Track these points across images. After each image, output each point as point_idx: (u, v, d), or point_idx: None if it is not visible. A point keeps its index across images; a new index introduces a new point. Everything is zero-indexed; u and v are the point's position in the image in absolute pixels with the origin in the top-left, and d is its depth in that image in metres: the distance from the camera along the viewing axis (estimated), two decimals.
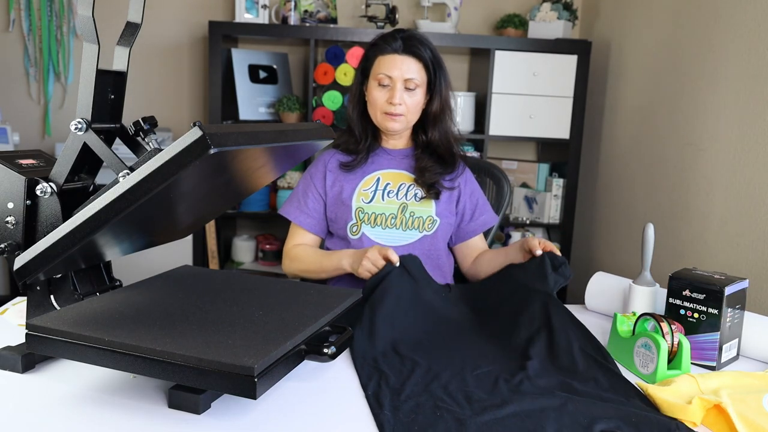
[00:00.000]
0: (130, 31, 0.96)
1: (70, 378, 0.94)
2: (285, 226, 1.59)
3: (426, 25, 2.87)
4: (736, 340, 1.15)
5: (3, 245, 0.95)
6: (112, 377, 0.94)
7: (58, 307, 1.00)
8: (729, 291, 1.09)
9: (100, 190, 0.93)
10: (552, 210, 2.96)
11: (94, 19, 0.89)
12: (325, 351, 0.90)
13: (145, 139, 0.99)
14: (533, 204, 3.01)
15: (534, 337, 1.12)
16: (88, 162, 0.98)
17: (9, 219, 0.95)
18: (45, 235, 0.90)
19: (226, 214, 2.92)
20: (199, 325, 0.91)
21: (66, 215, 0.93)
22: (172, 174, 0.79)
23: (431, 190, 1.51)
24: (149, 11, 2.91)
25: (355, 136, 1.55)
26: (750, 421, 0.86)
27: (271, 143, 0.92)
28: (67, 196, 0.96)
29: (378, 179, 1.53)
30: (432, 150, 1.55)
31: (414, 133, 1.58)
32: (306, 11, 2.81)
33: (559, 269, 1.29)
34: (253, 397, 0.78)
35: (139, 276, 1.18)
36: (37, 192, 0.94)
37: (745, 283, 1.14)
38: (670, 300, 1.16)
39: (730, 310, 1.11)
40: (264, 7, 2.77)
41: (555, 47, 2.79)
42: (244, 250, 3.04)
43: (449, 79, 1.53)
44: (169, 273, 1.17)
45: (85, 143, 0.92)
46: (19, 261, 0.91)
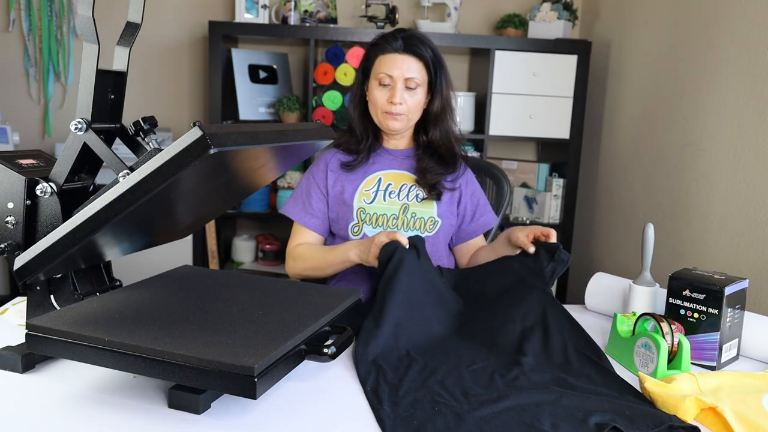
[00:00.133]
0: (130, 31, 0.96)
1: (70, 378, 0.94)
2: (285, 226, 1.59)
3: (426, 25, 2.87)
4: (736, 340, 1.15)
5: (3, 245, 0.95)
6: (112, 377, 0.94)
7: (58, 307, 1.00)
8: (729, 291, 1.09)
9: (100, 190, 0.93)
10: (552, 210, 2.96)
11: (94, 19, 0.89)
12: (325, 351, 0.90)
13: (145, 139, 0.99)
14: (533, 204, 3.01)
15: (528, 334, 1.12)
16: (88, 162, 0.98)
17: (9, 219, 0.95)
18: (45, 235, 0.90)
19: (226, 214, 2.92)
20: (199, 325, 0.91)
21: (66, 215, 0.93)
22: (172, 174, 0.79)
23: (433, 191, 1.51)
24: (149, 11, 2.91)
25: (356, 136, 1.55)
26: (750, 421, 0.86)
27: (271, 143, 0.92)
28: (67, 196, 0.96)
29: (379, 180, 1.53)
30: (433, 150, 1.54)
31: (415, 134, 1.58)
32: (306, 11, 2.81)
33: (555, 256, 1.28)
34: (253, 397, 0.78)
35: (139, 276, 1.18)
36: (37, 192, 0.94)
37: (745, 283, 1.14)
38: (670, 300, 1.16)
39: (730, 310, 1.11)
40: (264, 7, 2.77)
41: (555, 47, 2.79)
42: (244, 250, 3.04)
43: (450, 79, 1.53)
44: (169, 273, 1.17)
45: (85, 143, 0.92)
46: (19, 261, 0.91)
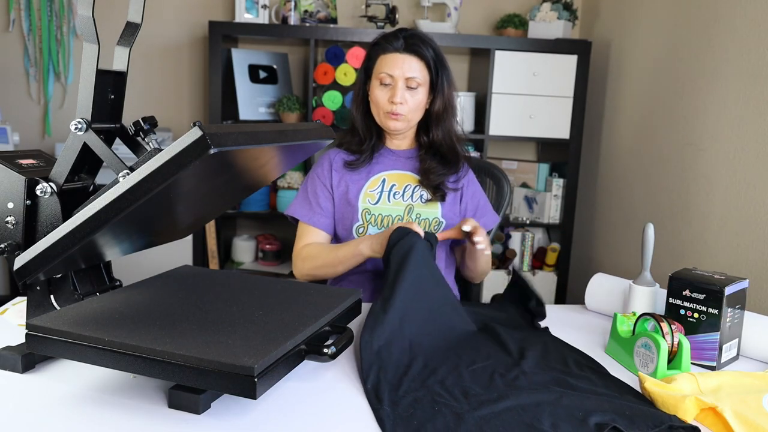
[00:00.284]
0: (130, 31, 0.96)
1: (70, 378, 0.94)
2: (285, 226, 1.59)
3: (426, 25, 2.87)
4: (736, 340, 1.15)
5: (3, 245, 0.95)
6: (112, 377, 0.94)
7: (58, 307, 1.00)
8: (729, 291, 1.09)
9: (100, 190, 0.93)
10: (552, 210, 2.96)
11: (94, 19, 0.89)
12: (325, 351, 0.90)
13: (145, 139, 0.99)
14: (533, 204, 3.01)
15: (526, 347, 1.12)
16: (88, 162, 0.98)
17: (9, 219, 0.95)
18: (45, 235, 0.90)
19: (226, 214, 2.92)
20: (199, 325, 0.91)
21: (66, 215, 0.93)
22: (172, 174, 0.79)
23: (437, 192, 1.50)
24: (149, 11, 2.91)
25: (359, 136, 1.54)
26: (749, 421, 0.86)
27: (271, 143, 0.92)
28: (67, 196, 0.96)
29: (383, 180, 1.52)
30: (435, 150, 1.54)
31: (418, 134, 1.57)
32: (306, 11, 2.81)
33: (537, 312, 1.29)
34: (253, 397, 0.78)
35: (139, 276, 1.18)
36: (37, 192, 0.94)
37: (745, 283, 1.14)
38: (670, 300, 1.16)
39: (730, 310, 1.11)
40: (264, 7, 2.77)
41: (555, 47, 2.79)
42: (244, 250, 3.04)
43: (453, 79, 1.52)
44: (169, 273, 1.17)
45: (85, 143, 0.92)
46: (19, 261, 0.91)
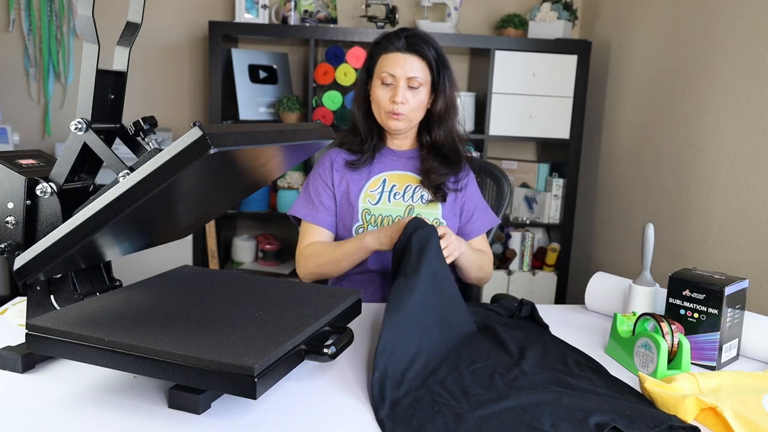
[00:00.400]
0: (130, 31, 0.96)
1: (70, 378, 0.94)
2: (285, 226, 1.59)
3: (426, 25, 2.87)
4: (736, 340, 1.15)
5: (3, 245, 0.95)
6: (112, 377, 0.94)
7: (58, 307, 1.00)
8: (729, 291, 1.09)
9: (100, 190, 0.93)
10: (552, 210, 2.96)
11: (94, 19, 0.89)
12: (325, 351, 0.90)
13: (145, 139, 0.99)
14: (533, 204, 3.01)
15: (526, 347, 1.12)
16: (88, 162, 0.98)
17: (9, 219, 0.95)
18: (45, 235, 0.90)
19: (226, 214, 2.92)
20: (199, 325, 0.91)
21: (66, 215, 0.93)
22: (172, 174, 0.79)
23: (438, 192, 1.50)
24: (149, 11, 2.91)
25: (360, 136, 1.54)
26: (750, 421, 0.86)
27: (271, 143, 0.92)
28: (67, 196, 0.96)
29: (384, 181, 1.52)
30: (437, 150, 1.53)
31: (419, 134, 1.57)
32: (306, 11, 2.81)
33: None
34: (253, 397, 0.78)
35: (139, 276, 1.18)
36: (37, 192, 0.94)
37: (745, 283, 1.14)
38: (670, 300, 1.16)
39: (730, 310, 1.11)
40: (264, 7, 2.77)
41: (555, 47, 2.79)
42: (244, 250, 3.04)
43: (455, 79, 1.51)
44: (169, 273, 1.17)
45: (85, 143, 0.92)
46: (19, 261, 0.91)
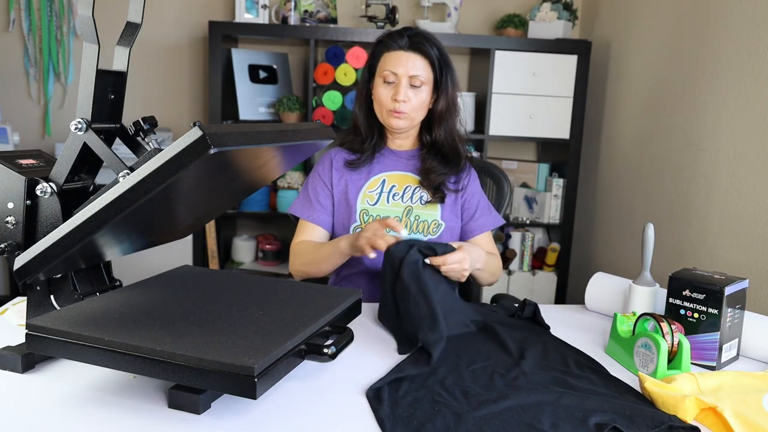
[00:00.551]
0: (130, 31, 0.96)
1: (70, 378, 0.94)
2: (285, 226, 1.59)
3: (426, 25, 2.87)
4: (736, 340, 1.15)
5: (3, 245, 0.95)
6: (112, 377, 0.94)
7: (58, 307, 1.00)
8: (729, 291, 1.09)
9: (100, 190, 0.93)
10: (552, 210, 2.96)
11: (94, 19, 0.89)
12: (325, 351, 0.90)
13: (145, 139, 0.99)
14: (533, 204, 3.01)
15: (526, 347, 1.12)
16: (88, 162, 0.98)
17: (9, 219, 0.95)
18: (45, 235, 0.90)
19: (226, 214, 2.92)
20: (199, 325, 0.91)
21: (66, 215, 0.93)
22: (172, 174, 0.79)
23: (437, 193, 1.50)
24: (149, 11, 2.91)
25: (361, 135, 1.54)
26: (749, 421, 0.86)
27: (271, 143, 0.92)
28: (67, 196, 0.96)
29: (383, 181, 1.52)
30: (437, 150, 1.53)
31: (420, 134, 1.56)
32: (306, 11, 2.81)
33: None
34: (253, 397, 0.78)
35: (139, 276, 1.18)
36: (37, 192, 0.94)
37: (745, 283, 1.14)
38: (670, 300, 1.16)
39: (730, 310, 1.10)
40: (264, 7, 2.77)
41: (555, 47, 2.79)
42: (244, 250, 3.04)
43: (457, 79, 1.51)
44: (169, 273, 1.17)
45: (85, 143, 0.92)
46: (19, 261, 0.91)
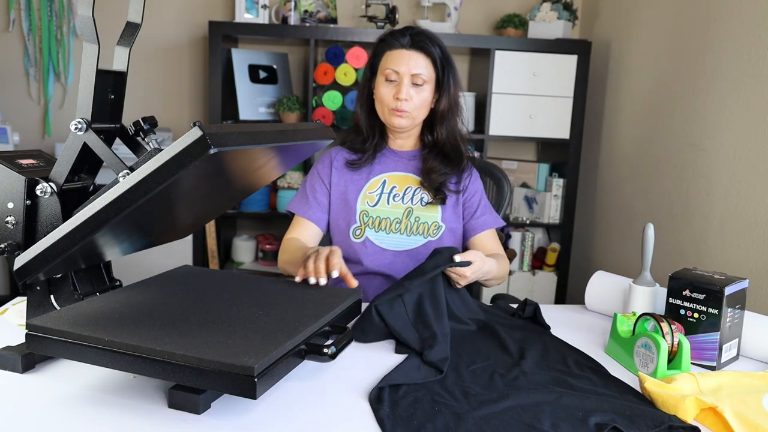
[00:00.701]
0: (130, 31, 0.96)
1: (70, 378, 0.94)
2: (285, 226, 1.59)
3: (426, 25, 2.87)
4: (736, 340, 1.15)
5: (3, 245, 0.95)
6: (112, 377, 0.94)
7: (58, 307, 1.00)
8: (729, 291, 1.09)
9: (100, 190, 0.93)
10: (552, 210, 2.96)
11: (94, 19, 0.89)
12: (325, 351, 0.90)
13: (145, 139, 0.99)
14: (533, 204, 3.01)
15: (526, 347, 1.13)
16: (88, 162, 0.98)
17: (9, 219, 0.95)
18: (45, 235, 0.90)
19: (226, 214, 2.92)
20: (199, 325, 0.91)
21: (66, 215, 0.93)
22: (172, 174, 0.79)
23: (438, 195, 1.49)
24: (149, 11, 2.91)
25: (362, 135, 1.53)
26: (749, 421, 0.86)
27: (271, 143, 0.92)
28: (67, 196, 0.96)
29: (384, 182, 1.51)
30: (439, 150, 1.53)
31: (422, 134, 1.56)
32: (306, 11, 2.81)
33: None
34: (253, 397, 0.78)
35: (139, 276, 1.18)
36: (37, 192, 0.94)
37: (745, 283, 1.14)
38: (670, 300, 1.16)
39: (730, 310, 1.11)
40: (264, 7, 2.77)
41: (555, 47, 2.79)
42: (244, 250, 3.04)
43: (459, 79, 1.51)
44: (169, 273, 1.17)
45: (85, 143, 0.92)
46: (19, 261, 0.91)
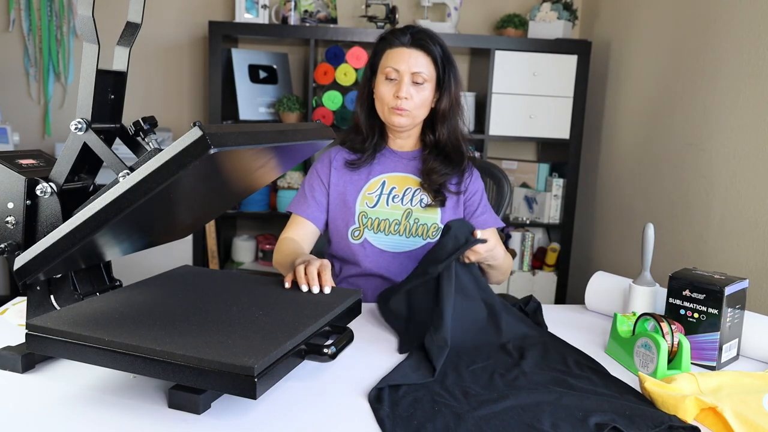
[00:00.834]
0: (130, 31, 0.96)
1: (70, 378, 0.94)
2: (285, 226, 1.58)
3: (426, 25, 2.87)
4: (736, 340, 1.15)
5: (3, 245, 0.95)
6: (112, 377, 0.94)
7: (58, 307, 1.00)
8: (729, 291, 1.09)
9: (100, 190, 0.93)
10: (552, 210, 2.96)
11: (94, 19, 0.89)
12: (325, 351, 0.90)
13: (145, 139, 0.99)
14: (533, 204, 3.01)
15: (526, 347, 1.12)
16: (88, 162, 0.98)
17: (9, 219, 0.95)
18: (45, 235, 0.90)
19: (226, 214, 2.92)
20: (199, 325, 0.91)
21: (66, 215, 0.93)
22: (172, 174, 0.79)
23: (438, 196, 1.48)
24: (149, 11, 2.91)
25: (362, 134, 1.52)
26: (749, 421, 0.86)
27: (271, 143, 0.92)
28: (67, 196, 0.96)
29: (383, 183, 1.51)
30: (440, 150, 1.52)
31: (422, 134, 1.55)
32: (306, 11, 2.81)
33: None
34: (253, 397, 0.78)
35: (139, 276, 1.18)
36: (37, 192, 0.94)
37: (745, 283, 1.14)
38: (670, 300, 1.16)
39: (730, 310, 1.11)
40: (264, 7, 2.77)
41: (555, 47, 2.79)
42: (244, 250, 3.04)
43: (460, 78, 1.50)
44: (169, 273, 1.17)
45: (85, 143, 0.92)
46: (19, 261, 0.91)
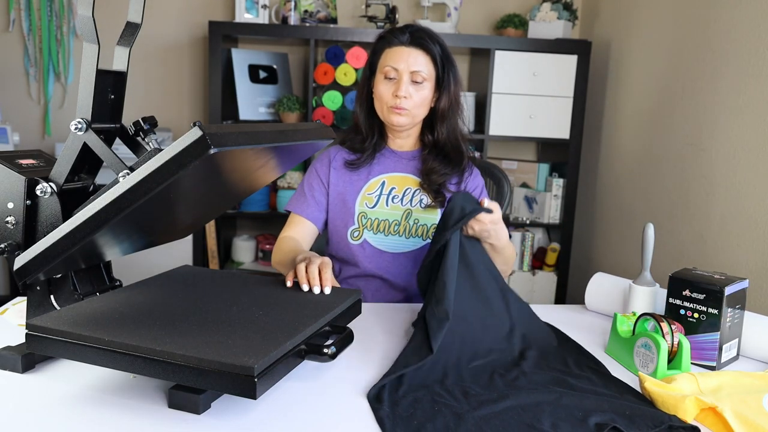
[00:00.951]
0: (130, 31, 0.96)
1: (70, 378, 0.94)
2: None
3: (426, 25, 2.87)
4: (736, 340, 1.15)
5: (3, 245, 0.95)
6: (112, 377, 0.94)
7: (58, 307, 1.00)
8: (729, 291, 1.09)
9: (100, 190, 0.93)
10: (552, 210, 2.96)
11: (94, 19, 0.89)
12: (325, 351, 0.90)
13: (145, 139, 0.99)
14: (533, 204, 3.01)
15: (527, 347, 1.12)
16: (88, 162, 0.98)
17: (9, 219, 0.95)
18: (45, 235, 0.90)
19: (226, 214, 2.92)
20: (199, 325, 0.91)
21: (66, 215, 0.93)
22: (172, 174, 0.79)
23: (437, 197, 1.48)
24: (149, 11, 2.91)
25: (362, 134, 1.52)
26: (749, 421, 0.86)
27: (271, 143, 0.92)
28: (67, 196, 0.96)
29: (383, 183, 1.50)
30: (439, 149, 1.51)
31: (422, 134, 1.54)
32: (306, 11, 2.81)
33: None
34: (253, 397, 0.78)
35: (139, 276, 1.18)
36: (37, 192, 0.94)
37: (745, 283, 1.14)
38: (670, 300, 1.16)
39: (730, 310, 1.11)
40: (264, 7, 2.77)
41: (555, 47, 2.79)
42: (244, 250, 3.04)
43: (459, 77, 1.49)
44: (169, 273, 1.17)
45: (85, 143, 0.92)
46: (19, 261, 0.91)
